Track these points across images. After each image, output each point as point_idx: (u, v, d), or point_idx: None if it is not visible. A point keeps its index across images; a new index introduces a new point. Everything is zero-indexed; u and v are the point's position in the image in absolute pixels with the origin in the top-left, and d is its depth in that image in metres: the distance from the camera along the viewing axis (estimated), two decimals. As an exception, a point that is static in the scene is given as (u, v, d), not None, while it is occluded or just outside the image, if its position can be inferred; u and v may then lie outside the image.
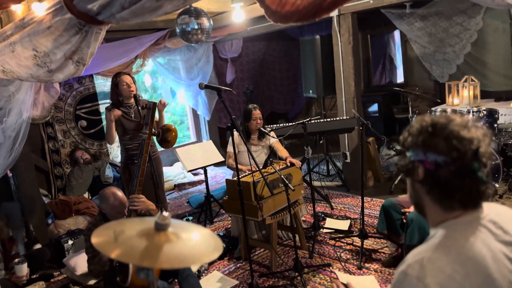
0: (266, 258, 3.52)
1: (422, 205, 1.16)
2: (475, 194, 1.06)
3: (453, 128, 1.05)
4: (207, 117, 6.66)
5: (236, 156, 2.87)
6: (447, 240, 1.03)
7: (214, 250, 1.06)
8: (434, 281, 0.96)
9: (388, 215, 3.07)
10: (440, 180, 1.06)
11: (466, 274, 0.97)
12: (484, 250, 1.01)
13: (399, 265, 1.08)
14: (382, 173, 5.12)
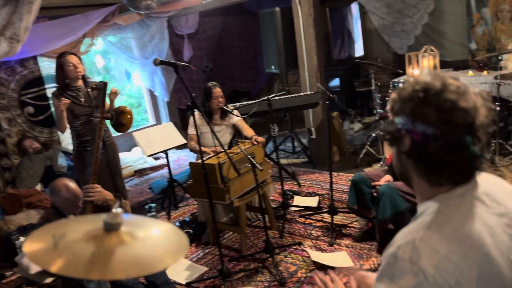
0: (235, 241, 3.40)
1: (408, 177, 1.04)
2: (466, 170, 0.95)
3: (447, 96, 0.92)
4: (166, 98, 6.36)
5: (198, 138, 2.68)
6: (439, 217, 0.93)
7: (179, 249, 0.89)
8: (428, 263, 0.86)
9: (358, 189, 3.01)
10: (428, 154, 0.94)
11: (462, 253, 0.87)
12: (480, 225, 0.91)
13: (388, 247, 0.97)
14: (347, 148, 5.10)
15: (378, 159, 4.60)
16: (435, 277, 0.85)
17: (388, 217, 2.71)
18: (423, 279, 0.86)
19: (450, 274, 0.85)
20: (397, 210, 2.71)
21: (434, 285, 0.85)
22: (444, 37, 5.58)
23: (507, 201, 0.99)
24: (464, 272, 0.86)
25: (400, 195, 2.71)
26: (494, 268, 0.89)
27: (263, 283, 2.75)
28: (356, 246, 3.03)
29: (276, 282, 2.73)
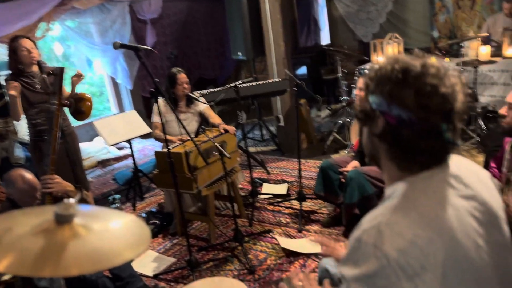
0: (204, 231, 3.34)
1: (377, 158, 1.01)
2: (439, 156, 0.93)
3: (427, 80, 0.88)
4: (129, 85, 6.14)
5: (163, 126, 2.58)
6: (406, 201, 0.90)
7: (140, 242, 0.83)
8: (392, 247, 0.84)
9: (326, 176, 3.01)
10: (401, 139, 0.91)
11: (428, 238, 0.85)
12: (447, 208, 0.90)
13: (354, 231, 0.94)
14: (315, 135, 5.12)
15: (345, 145, 4.64)
16: (398, 262, 0.83)
17: (356, 201, 2.73)
18: (386, 264, 0.84)
19: (415, 258, 0.83)
20: (364, 195, 2.73)
21: (397, 270, 0.83)
22: (408, 25, 5.68)
23: (475, 184, 0.98)
24: (429, 256, 0.84)
25: (368, 180, 2.73)
26: (461, 252, 0.87)
27: (233, 272, 2.72)
28: (325, 232, 3.05)
29: (246, 270, 2.70)
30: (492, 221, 0.96)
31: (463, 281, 0.87)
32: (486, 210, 0.95)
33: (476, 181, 0.99)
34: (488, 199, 0.97)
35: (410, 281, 0.83)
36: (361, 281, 0.86)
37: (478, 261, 0.89)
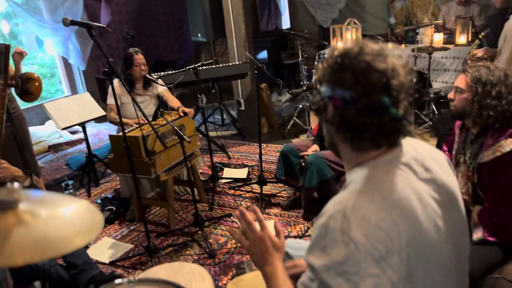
0: (163, 216, 3.28)
1: (335, 145, 1.03)
2: (387, 133, 0.94)
3: (363, 58, 0.90)
4: (82, 67, 5.85)
5: (118, 108, 2.46)
6: (369, 185, 0.91)
7: (91, 228, 0.78)
8: (359, 232, 0.84)
9: (287, 160, 3.03)
10: (348, 119, 0.93)
11: (392, 221, 0.86)
12: (409, 191, 0.92)
13: (318, 217, 0.94)
14: (275, 119, 5.13)
15: (305, 130, 4.69)
16: (366, 246, 0.84)
17: (315, 185, 2.77)
18: (355, 249, 0.84)
19: (380, 242, 0.84)
20: (323, 179, 2.77)
21: (366, 255, 0.84)
22: (366, 11, 5.77)
23: (434, 167, 1.01)
24: (394, 239, 0.85)
25: (327, 164, 2.77)
26: (423, 234, 0.90)
27: (192, 257, 2.69)
28: (285, 215, 3.08)
29: (206, 255, 2.68)
30: (450, 202, 0.99)
31: (425, 262, 0.89)
32: (445, 192, 0.99)
33: (434, 164, 1.01)
34: (446, 180, 1.01)
35: (378, 266, 0.84)
36: (331, 269, 0.85)
37: (438, 242, 0.92)
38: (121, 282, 1.21)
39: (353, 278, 0.83)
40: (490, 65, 1.76)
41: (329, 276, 0.85)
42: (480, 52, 2.88)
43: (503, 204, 1.74)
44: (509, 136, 1.73)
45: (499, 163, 1.70)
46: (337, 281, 0.84)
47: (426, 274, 0.89)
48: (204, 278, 1.53)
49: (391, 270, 0.84)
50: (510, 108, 1.73)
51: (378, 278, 0.83)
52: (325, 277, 0.86)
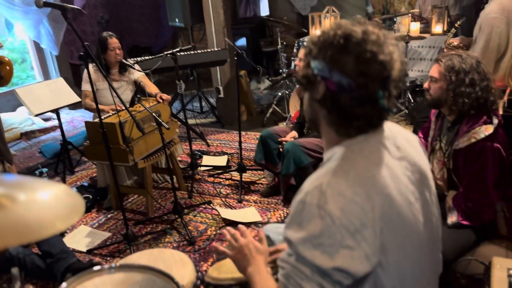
0: (141, 204, 3.24)
1: (317, 124, 1.04)
2: (375, 122, 0.96)
3: (368, 47, 0.90)
4: (55, 51, 5.66)
5: (95, 94, 2.39)
6: (345, 162, 0.94)
7: (71, 212, 0.76)
8: (335, 206, 0.87)
9: (266, 145, 3.04)
10: (340, 105, 0.93)
11: (366, 195, 0.89)
12: (383, 169, 0.94)
13: (296, 195, 0.96)
14: (254, 107, 5.12)
15: (284, 117, 4.71)
16: (341, 220, 0.86)
17: (292, 172, 2.79)
18: (331, 223, 0.86)
19: (355, 216, 0.87)
20: (300, 166, 2.79)
21: (341, 228, 0.86)
22: (344, -1, 5.78)
23: (406, 146, 1.04)
24: (368, 213, 0.88)
25: (304, 151, 2.79)
26: (395, 209, 0.93)
27: (172, 244, 2.68)
28: (264, 201, 3.09)
29: (185, 242, 2.67)
30: (421, 180, 1.02)
31: (398, 235, 0.92)
32: (416, 170, 1.02)
33: (406, 144, 1.05)
34: (417, 159, 1.04)
35: (352, 238, 0.86)
36: (308, 242, 0.88)
37: (410, 217, 0.95)
38: (102, 268, 1.19)
39: (328, 250, 0.86)
40: (462, 53, 1.80)
41: (305, 249, 0.88)
42: (456, 41, 2.94)
43: (477, 189, 1.80)
44: (483, 123, 1.78)
45: (473, 150, 1.75)
46: (313, 253, 0.87)
47: (399, 247, 0.93)
48: (185, 264, 1.52)
49: (365, 243, 0.87)
50: (483, 95, 1.78)
51: (352, 250, 0.86)
52: (301, 249, 0.88)
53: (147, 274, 1.19)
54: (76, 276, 1.14)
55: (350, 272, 0.86)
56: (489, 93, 1.79)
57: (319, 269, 0.87)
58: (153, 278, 1.18)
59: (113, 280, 1.16)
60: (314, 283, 0.87)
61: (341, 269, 0.86)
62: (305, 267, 0.88)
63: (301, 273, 0.88)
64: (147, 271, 1.20)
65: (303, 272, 0.88)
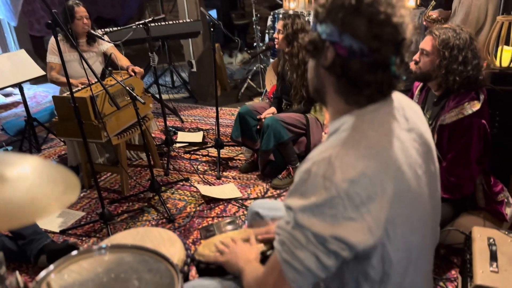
0: (115, 183, 3.13)
1: (323, 93, 0.99)
2: (385, 90, 0.92)
3: (381, 8, 0.84)
4: (13, 22, 5.27)
5: (65, 66, 2.22)
6: (355, 133, 0.90)
7: (67, 189, 0.68)
8: (342, 178, 0.83)
9: (244, 122, 2.98)
10: (350, 72, 0.88)
11: (376, 168, 0.86)
12: (393, 141, 0.91)
13: (301, 164, 0.92)
14: (228, 82, 5.01)
15: (259, 93, 4.64)
16: (347, 192, 0.83)
17: (272, 148, 2.76)
18: (335, 194, 0.83)
19: (363, 188, 0.84)
20: (280, 141, 2.77)
21: (345, 200, 0.83)
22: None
23: (413, 117, 1.02)
24: (376, 186, 0.85)
25: (284, 126, 2.76)
26: (405, 182, 0.90)
27: (150, 222, 2.61)
28: (243, 177, 3.06)
29: (164, 220, 2.61)
30: (427, 153, 1.01)
31: (405, 209, 0.90)
32: (423, 142, 1.00)
33: (413, 115, 1.02)
34: (423, 131, 1.02)
35: (356, 211, 0.83)
36: (308, 210, 0.85)
37: (418, 191, 0.93)
38: (90, 249, 1.12)
39: (329, 220, 0.83)
40: (456, 27, 1.78)
41: (304, 216, 0.85)
42: (435, 14, 2.95)
43: (459, 164, 1.83)
44: (471, 99, 1.79)
45: (461, 125, 1.76)
46: (312, 220, 0.84)
47: (407, 220, 0.91)
48: (173, 242, 1.47)
49: (370, 216, 0.84)
50: (474, 73, 1.78)
51: (354, 221, 0.83)
52: (299, 216, 0.85)
53: (139, 254, 1.13)
54: (63, 259, 1.07)
55: (348, 242, 0.83)
56: (479, 72, 1.79)
57: (315, 237, 0.84)
58: (145, 258, 1.12)
59: (102, 262, 1.09)
60: (308, 252, 0.85)
61: (340, 238, 0.83)
62: (301, 235, 0.85)
63: (296, 241, 0.86)
64: (138, 251, 1.14)
65: (298, 239, 0.85)
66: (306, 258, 0.85)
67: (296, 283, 0.87)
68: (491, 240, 1.68)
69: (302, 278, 0.86)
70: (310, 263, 0.85)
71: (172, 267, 1.09)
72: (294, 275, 0.86)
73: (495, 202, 2.00)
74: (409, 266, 0.93)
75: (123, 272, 1.06)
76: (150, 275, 1.06)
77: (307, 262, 0.85)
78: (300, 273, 0.86)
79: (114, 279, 1.04)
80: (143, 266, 1.09)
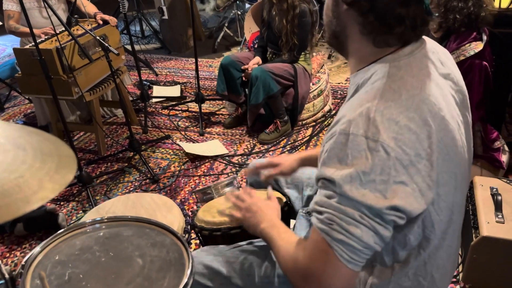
0: (90, 142, 2.92)
1: (344, 37, 0.85)
2: (419, 27, 0.79)
3: None
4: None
5: (26, 15, 1.93)
6: (392, 82, 0.77)
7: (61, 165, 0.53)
8: (388, 135, 0.72)
9: (228, 74, 2.79)
10: (380, 5, 0.75)
11: (422, 120, 0.75)
12: (434, 88, 0.80)
13: (331, 126, 0.79)
14: (202, 30, 4.71)
15: (237, 42, 4.39)
16: (396, 151, 0.72)
17: (261, 101, 2.61)
18: (385, 156, 0.72)
19: (409, 146, 0.73)
20: (270, 94, 2.62)
21: (395, 160, 0.72)
22: None
23: (448, 62, 0.91)
24: (423, 141, 0.75)
25: (273, 78, 2.60)
26: (450, 134, 0.81)
27: (133, 183, 2.46)
28: (228, 133, 2.92)
29: (148, 180, 2.47)
30: (463, 102, 0.91)
31: (451, 165, 0.81)
32: (459, 90, 0.90)
33: (447, 60, 0.91)
34: (458, 78, 0.92)
35: (406, 172, 0.73)
36: (356, 179, 0.73)
37: (460, 143, 0.84)
38: (85, 223, 0.98)
39: (380, 187, 0.72)
40: None
41: (352, 188, 0.73)
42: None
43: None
44: (473, 40, 1.70)
45: (462, 67, 1.68)
46: (363, 192, 0.73)
47: (451, 177, 0.82)
48: (170, 208, 1.34)
49: (420, 177, 0.74)
50: (475, 10, 1.68)
51: (406, 185, 0.73)
52: (347, 189, 0.73)
53: (138, 227, 1.00)
54: (51, 238, 0.92)
55: (406, 211, 0.74)
56: (481, 8, 1.69)
57: (370, 210, 0.73)
58: (146, 231, 0.99)
59: (97, 240, 0.96)
60: (365, 226, 0.74)
61: (398, 207, 0.73)
62: (353, 209, 0.74)
63: (347, 217, 0.74)
64: (137, 223, 1.01)
65: (350, 215, 0.74)
66: (364, 234, 0.74)
67: (353, 262, 0.76)
68: (495, 190, 1.65)
69: (360, 256, 0.76)
70: (369, 238, 0.74)
71: (178, 239, 0.97)
72: (351, 255, 0.75)
73: (491, 149, 1.97)
74: (449, 228, 0.85)
75: (123, 249, 0.93)
76: (155, 251, 0.94)
77: (365, 238, 0.74)
78: (358, 252, 0.75)
79: (113, 258, 0.91)
80: (145, 241, 0.96)
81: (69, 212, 2.27)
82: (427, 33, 1.91)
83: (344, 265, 0.76)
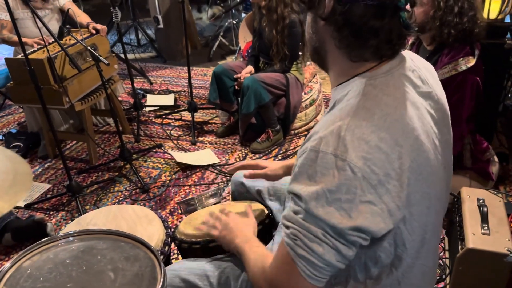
0: (82, 151, 2.92)
1: (324, 52, 0.84)
2: (395, 40, 0.78)
3: None
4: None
5: (15, 24, 1.94)
6: (366, 100, 0.77)
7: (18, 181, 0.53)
8: (357, 155, 0.71)
9: (221, 82, 2.80)
10: (353, 18, 0.74)
11: (393, 141, 0.74)
12: (410, 107, 0.79)
13: (305, 141, 0.79)
14: (198, 39, 4.73)
15: (232, 51, 4.41)
16: (363, 171, 0.71)
17: (253, 111, 2.61)
18: (351, 174, 0.71)
19: (379, 165, 0.73)
20: (261, 103, 2.63)
21: (362, 180, 0.71)
22: None
23: (430, 80, 0.90)
24: (394, 162, 0.74)
25: (264, 87, 2.61)
26: (424, 154, 0.80)
27: (123, 193, 2.45)
28: (220, 142, 2.92)
29: (138, 190, 2.46)
30: (443, 119, 0.90)
31: (424, 184, 0.80)
32: (439, 108, 0.89)
33: (429, 77, 0.90)
34: (440, 95, 0.91)
35: (374, 192, 0.72)
36: (321, 197, 0.72)
37: (435, 163, 0.83)
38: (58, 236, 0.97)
39: (346, 206, 0.72)
40: None
41: (318, 205, 0.73)
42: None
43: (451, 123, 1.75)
44: (466, 54, 1.70)
45: (454, 82, 1.68)
46: (327, 210, 0.72)
47: (425, 197, 0.81)
48: (151, 220, 1.34)
49: (389, 197, 0.74)
50: (470, 26, 1.67)
51: (373, 205, 0.72)
52: (312, 206, 0.73)
53: (112, 240, 1.00)
54: (22, 252, 0.92)
55: (370, 231, 0.73)
56: (475, 24, 1.69)
57: (333, 229, 0.73)
58: (120, 245, 0.98)
59: (71, 253, 0.95)
60: (328, 245, 0.74)
61: (361, 228, 0.73)
62: (317, 228, 0.74)
63: (311, 235, 0.74)
64: (111, 236, 1.00)
65: (313, 233, 0.74)
66: (326, 252, 0.74)
67: (314, 278, 0.76)
68: (481, 201, 1.64)
69: (322, 273, 0.76)
70: (330, 257, 0.74)
71: (151, 253, 0.96)
72: (313, 271, 0.76)
73: (481, 161, 1.96)
74: (422, 248, 0.84)
75: (95, 263, 0.93)
76: (128, 265, 0.93)
77: (327, 257, 0.74)
78: (320, 268, 0.76)
79: (85, 272, 0.90)
80: (119, 254, 0.96)
81: (58, 222, 2.26)
82: (420, 45, 1.93)
83: (306, 280, 0.76)
